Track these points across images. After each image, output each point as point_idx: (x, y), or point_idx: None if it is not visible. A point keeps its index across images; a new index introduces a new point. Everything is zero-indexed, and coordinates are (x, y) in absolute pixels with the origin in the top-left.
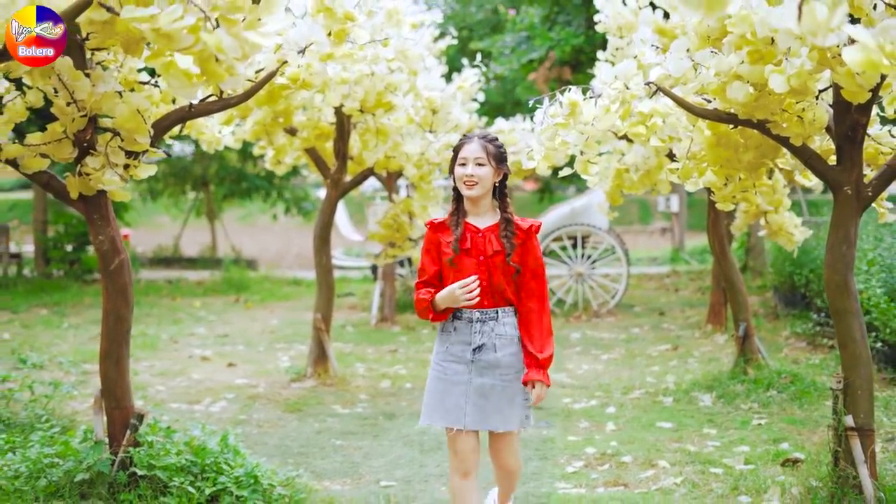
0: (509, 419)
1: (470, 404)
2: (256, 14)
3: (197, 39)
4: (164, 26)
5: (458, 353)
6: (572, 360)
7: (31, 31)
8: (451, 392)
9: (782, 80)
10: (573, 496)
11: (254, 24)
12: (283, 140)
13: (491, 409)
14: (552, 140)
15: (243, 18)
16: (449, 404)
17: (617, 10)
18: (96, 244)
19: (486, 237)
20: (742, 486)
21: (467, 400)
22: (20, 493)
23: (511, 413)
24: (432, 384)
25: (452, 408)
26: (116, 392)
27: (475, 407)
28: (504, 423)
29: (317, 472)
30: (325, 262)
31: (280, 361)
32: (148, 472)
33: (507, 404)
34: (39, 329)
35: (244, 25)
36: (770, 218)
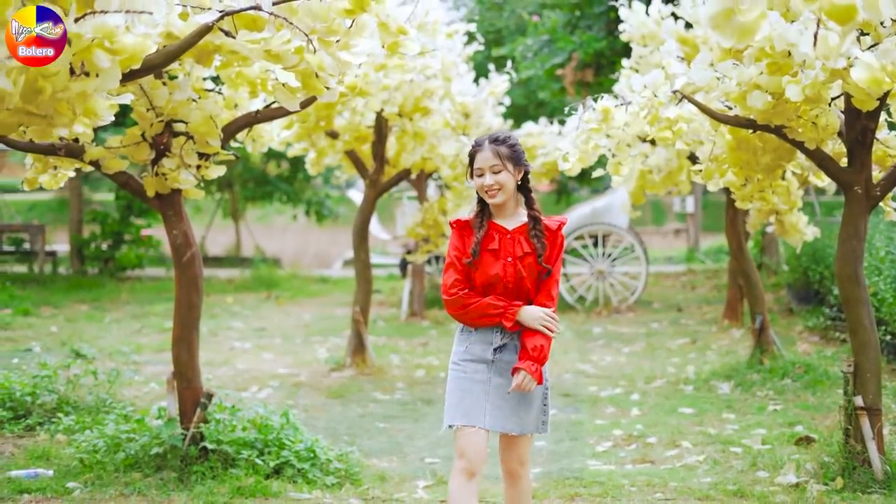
0: (526, 422)
1: (489, 404)
2: (349, 37)
3: (301, 59)
4: (275, 48)
5: (478, 352)
6: (596, 353)
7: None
8: (471, 391)
9: (798, 90)
10: (604, 471)
11: (346, 45)
12: (323, 143)
13: (509, 410)
14: (586, 143)
15: (337, 40)
16: (468, 403)
17: (640, 20)
18: (171, 238)
19: (515, 238)
20: (760, 462)
21: (487, 399)
22: (102, 465)
23: (528, 416)
24: (452, 384)
25: (472, 407)
26: (187, 374)
27: (494, 407)
28: (520, 425)
29: (364, 450)
30: (364, 258)
31: (317, 353)
32: (217, 446)
33: (525, 407)
34: (83, 323)
35: (338, 46)
36: (783, 217)
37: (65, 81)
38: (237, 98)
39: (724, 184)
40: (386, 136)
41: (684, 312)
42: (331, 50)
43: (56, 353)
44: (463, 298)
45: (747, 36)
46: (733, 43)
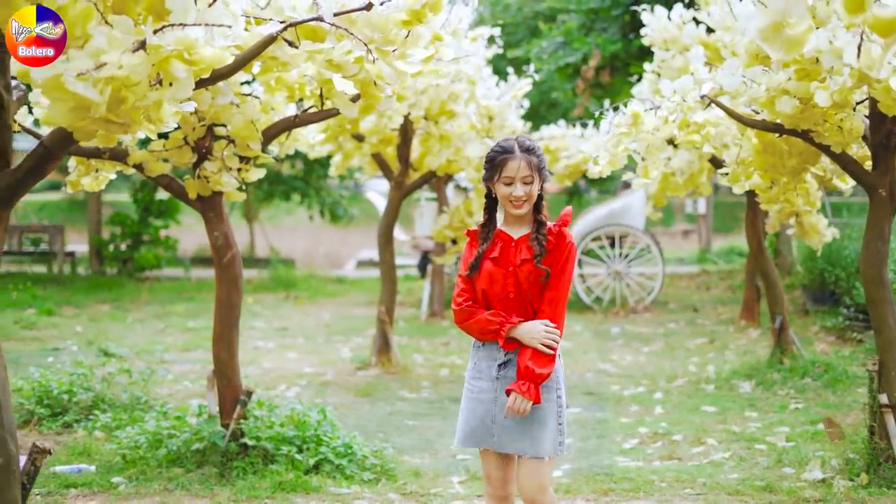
0: (540, 443)
1: (497, 424)
2: (405, 46)
3: (361, 68)
4: (336, 58)
5: (484, 369)
6: (615, 352)
7: (30, 31)
8: (477, 411)
9: (827, 96)
10: (633, 468)
11: (403, 54)
12: (349, 145)
13: (520, 431)
14: (616, 147)
15: (394, 50)
16: (473, 424)
17: (663, 24)
18: (211, 239)
19: (518, 247)
20: (785, 459)
21: (494, 420)
22: (144, 461)
23: (542, 436)
24: (462, 403)
25: (479, 427)
26: (227, 372)
27: (502, 427)
28: (534, 447)
29: (396, 447)
30: (389, 259)
31: (341, 352)
32: (256, 442)
33: (537, 427)
34: (107, 323)
35: (395, 56)
36: (803, 218)
37: (145, 91)
38: (273, 102)
39: (749, 186)
40: (411, 139)
41: (700, 313)
42: (388, 59)
43: (84, 352)
44: (466, 311)
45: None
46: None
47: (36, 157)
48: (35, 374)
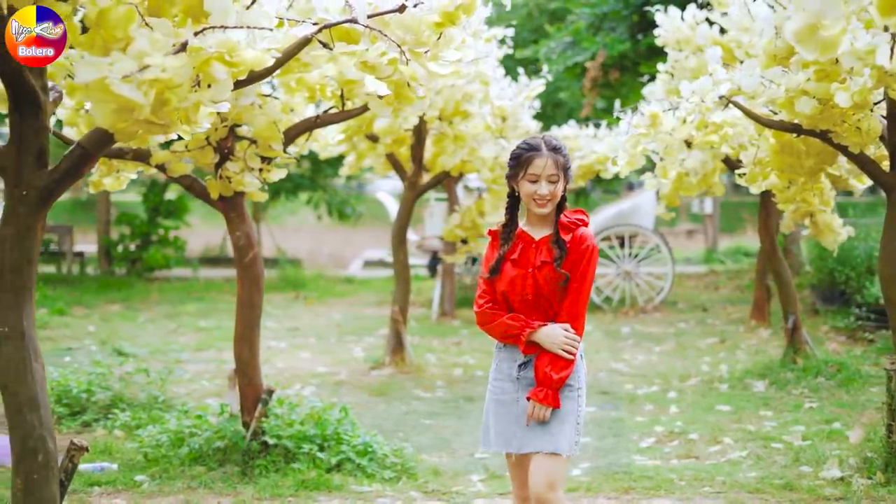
0: (557, 440)
1: (519, 427)
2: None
3: (395, 70)
4: (371, 59)
5: (505, 370)
6: (627, 352)
7: (31, 31)
8: (499, 413)
9: (847, 96)
10: (651, 466)
11: (436, 56)
12: (363, 146)
13: (541, 429)
14: (635, 147)
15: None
16: (499, 427)
17: (676, 25)
18: (233, 239)
19: (539, 248)
20: (803, 458)
21: (517, 420)
22: (166, 459)
23: (560, 433)
24: (486, 405)
25: (503, 430)
26: (249, 371)
27: (523, 429)
28: (553, 443)
29: (415, 446)
30: (403, 259)
31: (353, 352)
32: (278, 441)
33: (556, 423)
34: (118, 323)
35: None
36: (818, 218)
37: (187, 93)
38: (293, 103)
39: (766, 186)
40: (424, 140)
41: (710, 312)
42: (421, 61)
43: (100, 352)
44: (488, 313)
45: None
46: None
47: (74, 158)
48: (54, 373)
